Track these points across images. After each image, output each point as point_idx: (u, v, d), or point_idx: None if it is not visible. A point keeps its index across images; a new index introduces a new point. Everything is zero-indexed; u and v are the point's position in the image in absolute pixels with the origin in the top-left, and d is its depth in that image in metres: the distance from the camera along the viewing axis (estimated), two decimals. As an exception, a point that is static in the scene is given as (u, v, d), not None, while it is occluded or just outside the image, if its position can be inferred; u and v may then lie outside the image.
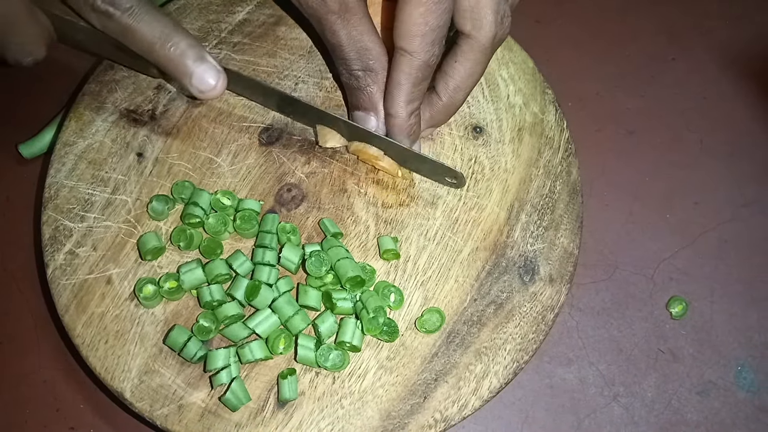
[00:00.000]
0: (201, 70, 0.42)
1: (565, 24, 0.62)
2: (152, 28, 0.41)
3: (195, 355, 0.42)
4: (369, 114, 0.45)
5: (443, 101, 0.44)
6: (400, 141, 0.45)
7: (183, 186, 0.46)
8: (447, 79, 0.43)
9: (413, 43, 0.40)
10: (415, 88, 0.42)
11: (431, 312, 0.44)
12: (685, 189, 0.56)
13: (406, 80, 0.41)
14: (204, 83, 0.43)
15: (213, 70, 0.43)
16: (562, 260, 0.47)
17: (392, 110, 0.43)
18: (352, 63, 0.43)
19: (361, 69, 0.43)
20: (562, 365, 0.50)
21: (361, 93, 0.44)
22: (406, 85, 0.42)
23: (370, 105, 0.44)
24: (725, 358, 0.51)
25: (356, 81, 0.44)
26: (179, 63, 0.42)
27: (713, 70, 0.61)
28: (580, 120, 0.57)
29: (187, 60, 0.42)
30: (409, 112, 0.43)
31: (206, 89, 0.43)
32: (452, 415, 0.43)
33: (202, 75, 0.42)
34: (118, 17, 0.41)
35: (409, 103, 0.43)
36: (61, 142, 0.48)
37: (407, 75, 0.41)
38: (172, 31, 0.42)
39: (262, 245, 0.44)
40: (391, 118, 0.43)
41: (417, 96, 0.43)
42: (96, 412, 0.47)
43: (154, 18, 0.41)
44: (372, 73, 0.43)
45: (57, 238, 0.45)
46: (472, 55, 0.42)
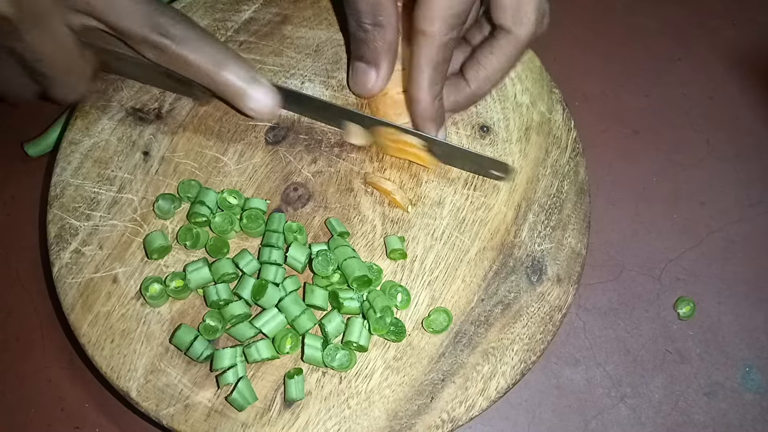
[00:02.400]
0: (255, 92, 0.43)
1: (570, 23, 0.62)
2: (203, 54, 0.42)
3: (201, 355, 0.42)
4: (370, 67, 0.45)
5: (471, 89, 0.45)
6: (426, 127, 0.45)
7: (189, 185, 0.46)
8: (479, 68, 0.44)
9: (434, 25, 0.40)
10: (436, 71, 0.42)
11: (438, 312, 0.44)
12: (692, 189, 0.56)
13: (426, 63, 0.41)
14: (259, 104, 0.44)
15: (266, 91, 0.44)
16: (569, 260, 0.47)
17: (416, 94, 0.43)
18: (363, 15, 0.43)
19: (371, 23, 0.43)
20: (570, 366, 0.50)
21: (366, 46, 0.44)
22: (427, 68, 0.42)
23: (373, 59, 0.45)
24: (732, 359, 0.50)
25: (364, 33, 0.44)
26: (233, 86, 0.43)
27: (719, 70, 0.61)
28: (586, 119, 0.57)
29: (241, 82, 0.43)
30: (433, 95, 0.43)
31: (261, 109, 0.44)
32: (459, 416, 0.42)
33: (256, 97, 0.43)
34: (171, 48, 0.41)
35: (432, 86, 0.42)
36: (66, 140, 0.47)
37: (427, 58, 0.41)
38: (224, 55, 0.42)
39: (269, 244, 0.44)
40: (417, 104, 0.43)
41: (439, 78, 0.43)
42: (101, 412, 0.47)
43: (206, 44, 0.42)
44: (381, 28, 0.43)
45: (63, 237, 0.45)
46: (509, 49, 0.43)
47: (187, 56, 0.42)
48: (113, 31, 0.42)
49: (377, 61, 0.45)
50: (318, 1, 0.53)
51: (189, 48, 0.41)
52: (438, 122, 0.45)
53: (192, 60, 0.42)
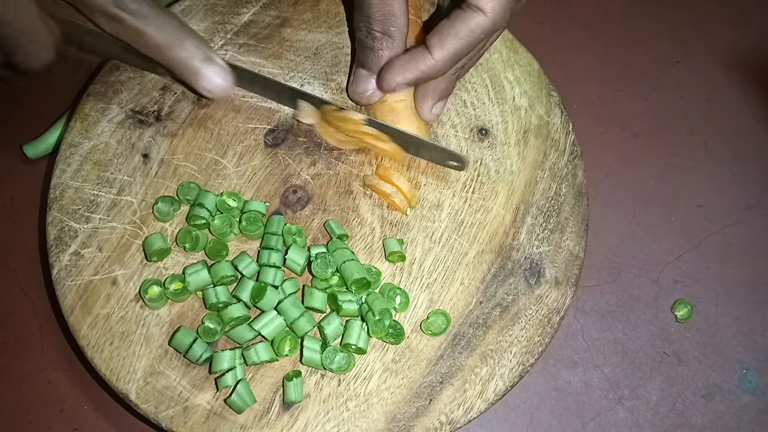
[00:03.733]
0: (209, 71, 0.43)
1: (568, 26, 0.62)
2: (161, 30, 0.42)
3: (200, 357, 0.42)
4: (371, 75, 0.45)
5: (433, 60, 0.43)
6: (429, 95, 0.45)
7: (189, 187, 0.46)
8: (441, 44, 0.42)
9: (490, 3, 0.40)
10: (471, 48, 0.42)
11: (437, 314, 0.44)
12: (690, 192, 0.56)
13: (466, 36, 0.41)
14: (212, 83, 0.44)
15: (220, 70, 0.44)
16: (567, 263, 0.47)
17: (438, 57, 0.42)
18: (374, 23, 0.43)
19: (381, 31, 0.43)
20: (567, 368, 0.50)
21: (372, 53, 0.44)
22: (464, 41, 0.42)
23: (376, 67, 0.45)
24: (730, 362, 0.51)
25: (371, 41, 0.44)
26: (188, 64, 0.43)
27: (717, 72, 0.61)
28: (584, 122, 0.57)
29: (195, 61, 0.43)
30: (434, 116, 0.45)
31: (214, 89, 0.44)
32: (458, 418, 0.43)
33: (210, 75, 0.43)
34: (127, 21, 0.41)
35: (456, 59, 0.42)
36: (66, 142, 0.47)
37: (470, 32, 0.41)
38: (180, 32, 0.42)
39: (268, 247, 0.44)
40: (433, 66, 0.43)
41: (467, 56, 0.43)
42: (100, 414, 0.47)
43: (163, 20, 0.42)
44: (389, 39, 0.43)
45: (62, 239, 0.45)
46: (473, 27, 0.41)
47: (142, 30, 0.42)
48: (72, 1, 0.42)
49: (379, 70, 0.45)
50: (317, 4, 0.53)
51: (145, 22, 0.41)
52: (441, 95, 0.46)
53: (147, 34, 0.42)
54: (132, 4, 0.41)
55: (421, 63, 0.43)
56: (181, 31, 0.42)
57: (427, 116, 0.46)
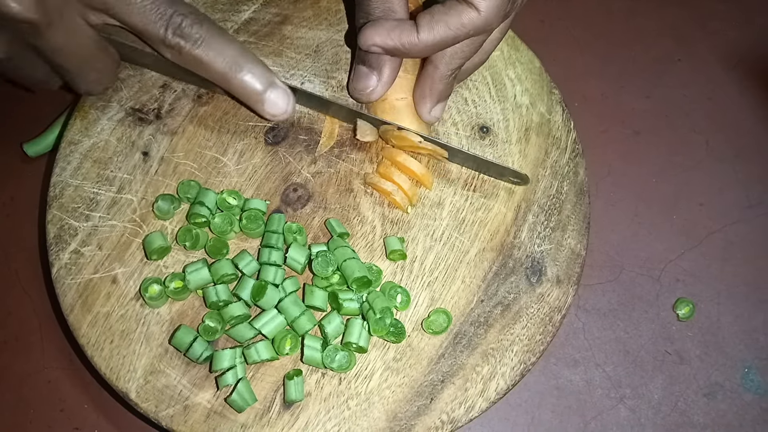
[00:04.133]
0: (272, 96, 0.43)
1: (570, 24, 0.62)
2: (222, 57, 0.42)
3: (201, 356, 0.42)
4: (372, 72, 0.45)
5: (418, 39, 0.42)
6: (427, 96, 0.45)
7: (189, 185, 0.46)
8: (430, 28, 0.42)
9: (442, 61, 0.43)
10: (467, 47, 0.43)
11: (438, 313, 0.44)
12: (691, 190, 0.56)
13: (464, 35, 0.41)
14: (276, 108, 0.44)
15: (283, 94, 0.44)
16: (569, 261, 0.47)
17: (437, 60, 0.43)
18: (374, 19, 0.43)
19: None
20: (569, 367, 0.50)
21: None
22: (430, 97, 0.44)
23: (376, 64, 0.45)
24: (732, 360, 0.51)
25: None
26: (251, 90, 0.43)
27: (719, 71, 0.61)
28: (586, 120, 0.57)
29: (258, 86, 0.43)
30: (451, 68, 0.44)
31: (278, 113, 0.44)
32: (459, 417, 0.42)
33: (274, 100, 0.44)
34: (188, 50, 0.42)
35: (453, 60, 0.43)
36: (66, 140, 0.47)
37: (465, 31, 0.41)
38: (241, 58, 0.42)
39: (269, 245, 0.44)
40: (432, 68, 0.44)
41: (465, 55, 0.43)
42: (100, 413, 0.47)
43: (224, 46, 0.42)
44: None
45: (62, 237, 0.45)
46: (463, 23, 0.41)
47: (203, 58, 0.42)
48: (131, 30, 0.42)
49: (380, 67, 0.44)
50: (318, 2, 0.53)
51: (206, 49, 0.42)
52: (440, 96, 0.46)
53: (208, 62, 0.42)
54: (191, 31, 0.41)
55: (405, 36, 0.42)
56: (242, 56, 0.42)
57: (427, 118, 0.46)
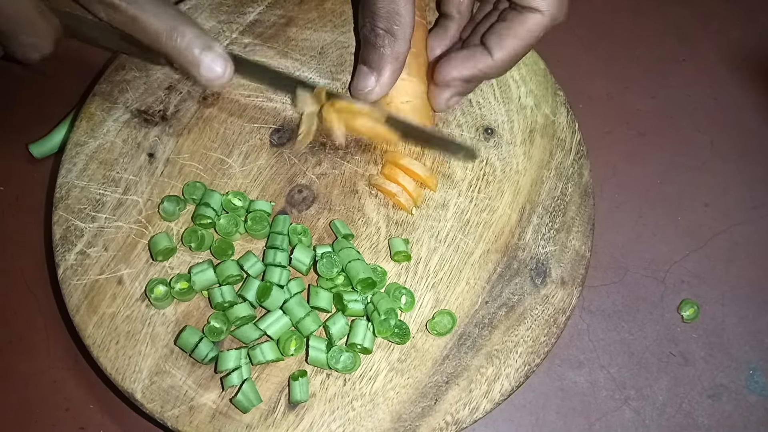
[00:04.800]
0: (208, 59, 0.43)
1: (574, 25, 0.62)
2: (159, 18, 0.41)
3: (206, 356, 0.42)
4: (372, 72, 0.45)
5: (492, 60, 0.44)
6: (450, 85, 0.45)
7: (194, 187, 0.46)
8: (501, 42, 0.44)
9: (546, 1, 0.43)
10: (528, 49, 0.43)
11: (442, 314, 0.44)
12: (696, 191, 0.56)
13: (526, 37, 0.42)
14: (212, 71, 0.43)
15: (220, 59, 0.43)
16: (573, 263, 0.47)
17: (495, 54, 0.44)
18: (378, 20, 0.43)
19: (384, 29, 0.43)
20: (573, 368, 0.50)
21: (374, 50, 0.44)
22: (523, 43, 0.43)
23: (377, 65, 0.45)
24: (737, 362, 0.50)
25: (374, 38, 0.44)
26: (186, 53, 0.42)
27: (723, 71, 0.61)
28: (591, 121, 0.56)
29: (195, 49, 0.42)
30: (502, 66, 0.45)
31: (214, 77, 0.43)
32: (463, 418, 0.42)
33: (209, 64, 0.43)
34: (123, 8, 0.41)
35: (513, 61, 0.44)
36: (72, 142, 0.47)
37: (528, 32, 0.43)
38: (178, 21, 0.42)
39: (274, 246, 0.44)
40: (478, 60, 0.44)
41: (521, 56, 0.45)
42: (106, 413, 0.47)
43: (160, 8, 0.41)
44: (392, 37, 0.43)
45: (68, 238, 0.45)
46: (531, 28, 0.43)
47: (139, 17, 0.41)
48: None
49: (381, 68, 0.44)
50: (323, 3, 0.53)
51: (141, 9, 0.41)
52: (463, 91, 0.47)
53: (144, 21, 0.41)
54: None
55: (480, 62, 0.43)
56: (179, 19, 0.42)
57: (442, 106, 0.46)
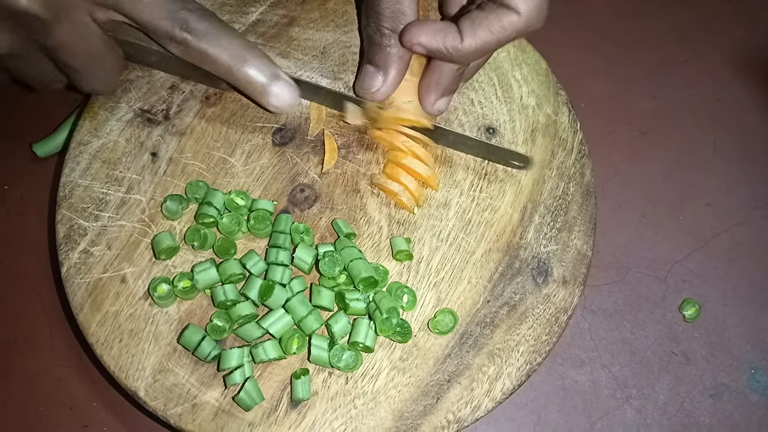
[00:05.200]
0: (277, 89, 0.44)
1: (576, 25, 0.62)
2: (227, 51, 0.43)
3: (209, 355, 0.42)
4: (378, 72, 0.45)
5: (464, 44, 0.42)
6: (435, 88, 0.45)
7: (197, 186, 0.46)
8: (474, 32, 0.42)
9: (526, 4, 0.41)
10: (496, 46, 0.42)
11: (444, 313, 0.44)
12: (698, 191, 0.56)
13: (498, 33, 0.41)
14: (280, 100, 0.44)
15: (287, 87, 0.44)
16: (575, 262, 0.47)
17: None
18: (383, 19, 0.43)
19: (390, 29, 0.43)
20: (575, 367, 0.50)
21: (380, 50, 0.44)
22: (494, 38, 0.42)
23: (383, 64, 0.45)
24: (738, 361, 0.51)
25: (380, 37, 0.44)
26: (255, 82, 0.44)
27: (726, 71, 0.61)
28: (593, 121, 0.57)
29: (262, 78, 0.43)
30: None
31: (282, 105, 0.45)
32: (465, 416, 0.43)
33: (278, 93, 0.44)
34: (194, 45, 0.42)
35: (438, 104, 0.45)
36: (75, 141, 0.48)
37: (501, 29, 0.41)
38: (246, 51, 0.43)
39: (276, 245, 0.44)
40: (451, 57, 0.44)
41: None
42: (109, 411, 0.48)
43: (229, 41, 0.43)
44: (398, 36, 0.43)
45: (71, 237, 0.45)
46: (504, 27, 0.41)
47: (208, 51, 0.42)
48: (137, 25, 0.43)
49: (387, 67, 0.45)
50: (325, 3, 0.53)
51: (210, 43, 0.42)
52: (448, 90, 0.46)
53: (213, 55, 0.42)
54: (197, 25, 0.42)
55: (448, 39, 0.42)
56: (246, 49, 0.43)
57: (430, 110, 0.46)
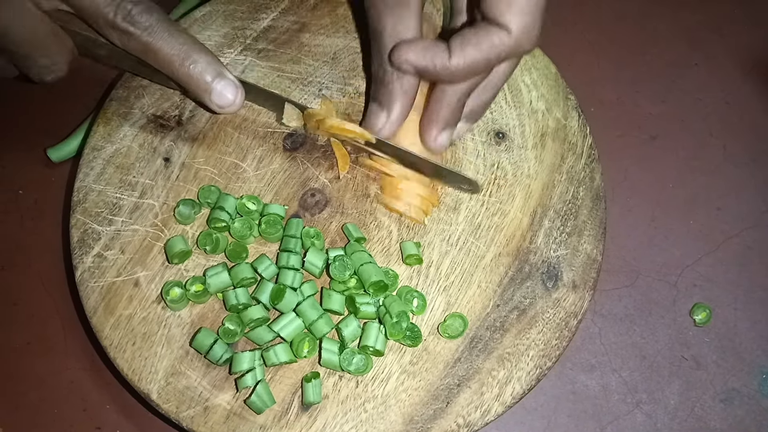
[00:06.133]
0: (220, 87, 0.43)
1: (585, 29, 0.62)
2: (171, 45, 0.42)
3: (221, 358, 0.42)
4: (382, 109, 0.44)
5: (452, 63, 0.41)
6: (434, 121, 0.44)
7: (209, 190, 0.46)
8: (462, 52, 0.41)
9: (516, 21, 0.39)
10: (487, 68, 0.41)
11: (454, 317, 0.45)
12: (708, 195, 0.56)
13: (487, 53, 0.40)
14: (223, 99, 0.44)
15: (231, 86, 0.43)
16: (585, 266, 0.47)
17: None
18: (386, 56, 0.42)
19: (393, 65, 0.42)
20: (585, 372, 0.50)
21: (384, 87, 0.44)
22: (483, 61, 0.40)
23: (387, 101, 0.44)
24: (749, 366, 0.50)
25: (383, 74, 0.43)
26: (198, 80, 0.43)
27: (736, 75, 0.61)
28: (602, 125, 0.57)
29: (207, 76, 0.43)
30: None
31: (225, 104, 0.44)
32: (475, 421, 0.43)
33: (221, 91, 0.43)
34: (137, 35, 0.41)
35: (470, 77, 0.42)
36: (89, 146, 0.48)
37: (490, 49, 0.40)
38: (191, 48, 0.42)
39: (287, 249, 0.45)
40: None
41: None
42: (122, 413, 0.48)
43: (173, 35, 0.42)
44: (400, 72, 0.42)
45: (85, 241, 0.46)
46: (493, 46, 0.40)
47: (152, 44, 0.42)
48: (79, 14, 0.42)
49: (390, 104, 0.44)
50: (335, 9, 0.53)
51: (154, 37, 0.41)
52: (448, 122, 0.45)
53: (157, 49, 0.42)
54: (141, 18, 0.41)
55: (437, 58, 0.41)
56: (192, 46, 0.42)
57: (432, 146, 0.45)
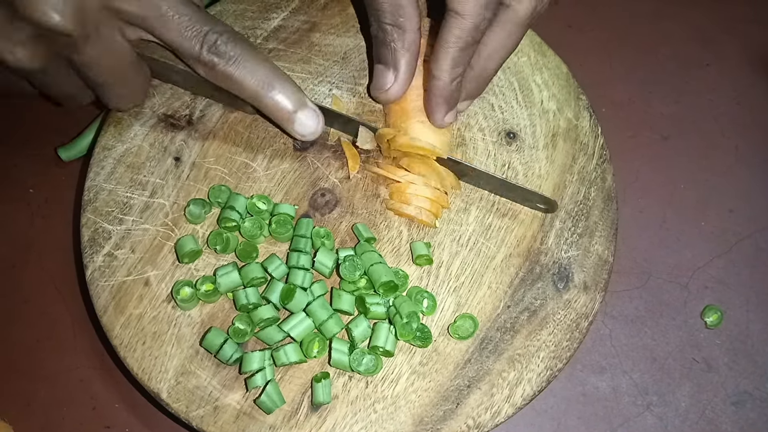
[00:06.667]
0: (303, 116, 0.44)
1: (596, 29, 0.62)
2: (254, 75, 0.43)
3: (231, 358, 0.42)
4: (388, 69, 0.45)
5: (474, 71, 0.44)
6: (438, 105, 0.44)
7: (220, 190, 0.46)
8: (479, 47, 0.43)
9: (466, 5, 0.40)
10: (463, 52, 0.42)
11: (464, 318, 0.44)
12: (720, 196, 0.56)
13: (454, 43, 0.41)
14: (305, 128, 0.45)
15: (313, 115, 0.44)
16: (596, 267, 0.46)
17: (437, 72, 0.43)
18: (383, 15, 0.43)
19: (391, 24, 0.43)
20: (596, 373, 0.50)
21: (385, 47, 0.44)
22: (453, 48, 0.41)
23: (391, 61, 0.44)
24: (761, 368, 0.50)
25: (383, 34, 0.44)
26: (282, 110, 0.44)
27: (748, 75, 0.60)
28: (614, 126, 0.56)
29: (289, 106, 0.44)
30: (452, 76, 0.43)
31: (307, 133, 0.45)
32: (485, 422, 0.43)
33: (303, 120, 0.44)
34: (221, 67, 0.42)
35: (454, 68, 0.42)
36: (100, 145, 0.48)
37: (456, 38, 0.41)
38: (273, 77, 0.43)
39: (297, 249, 0.45)
40: (434, 80, 0.43)
41: (463, 61, 0.43)
42: (131, 412, 0.48)
43: (257, 65, 0.43)
44: (400, 30, 0.43)
45: (96, 240, 0.46)
46: (509, 26, 0.42)
47: (236, 75, 0.43)
48: (166, 46, 0.43)
49: (396, 63, 0.44)
50: (346, 9, 0.53)
51: (238, 67, 0.42)
52: (450, 104, 0.45)
53: (241, 79, 0.43)
54: (226, 48, 0.42)
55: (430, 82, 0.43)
56: (275, 76, 0.43)
57: (440, 124, 0.46)
